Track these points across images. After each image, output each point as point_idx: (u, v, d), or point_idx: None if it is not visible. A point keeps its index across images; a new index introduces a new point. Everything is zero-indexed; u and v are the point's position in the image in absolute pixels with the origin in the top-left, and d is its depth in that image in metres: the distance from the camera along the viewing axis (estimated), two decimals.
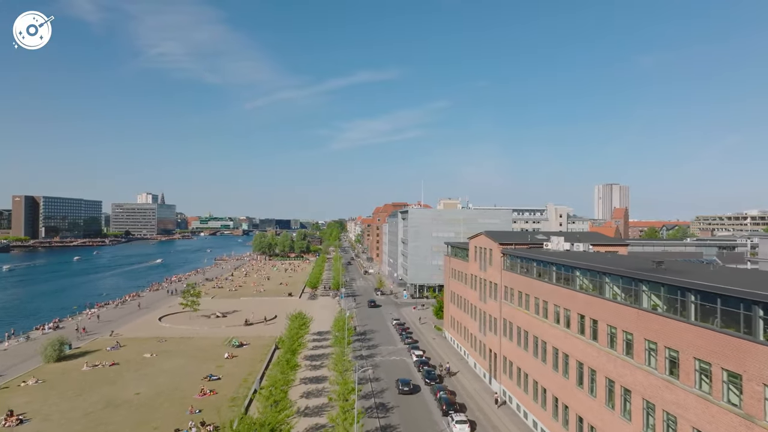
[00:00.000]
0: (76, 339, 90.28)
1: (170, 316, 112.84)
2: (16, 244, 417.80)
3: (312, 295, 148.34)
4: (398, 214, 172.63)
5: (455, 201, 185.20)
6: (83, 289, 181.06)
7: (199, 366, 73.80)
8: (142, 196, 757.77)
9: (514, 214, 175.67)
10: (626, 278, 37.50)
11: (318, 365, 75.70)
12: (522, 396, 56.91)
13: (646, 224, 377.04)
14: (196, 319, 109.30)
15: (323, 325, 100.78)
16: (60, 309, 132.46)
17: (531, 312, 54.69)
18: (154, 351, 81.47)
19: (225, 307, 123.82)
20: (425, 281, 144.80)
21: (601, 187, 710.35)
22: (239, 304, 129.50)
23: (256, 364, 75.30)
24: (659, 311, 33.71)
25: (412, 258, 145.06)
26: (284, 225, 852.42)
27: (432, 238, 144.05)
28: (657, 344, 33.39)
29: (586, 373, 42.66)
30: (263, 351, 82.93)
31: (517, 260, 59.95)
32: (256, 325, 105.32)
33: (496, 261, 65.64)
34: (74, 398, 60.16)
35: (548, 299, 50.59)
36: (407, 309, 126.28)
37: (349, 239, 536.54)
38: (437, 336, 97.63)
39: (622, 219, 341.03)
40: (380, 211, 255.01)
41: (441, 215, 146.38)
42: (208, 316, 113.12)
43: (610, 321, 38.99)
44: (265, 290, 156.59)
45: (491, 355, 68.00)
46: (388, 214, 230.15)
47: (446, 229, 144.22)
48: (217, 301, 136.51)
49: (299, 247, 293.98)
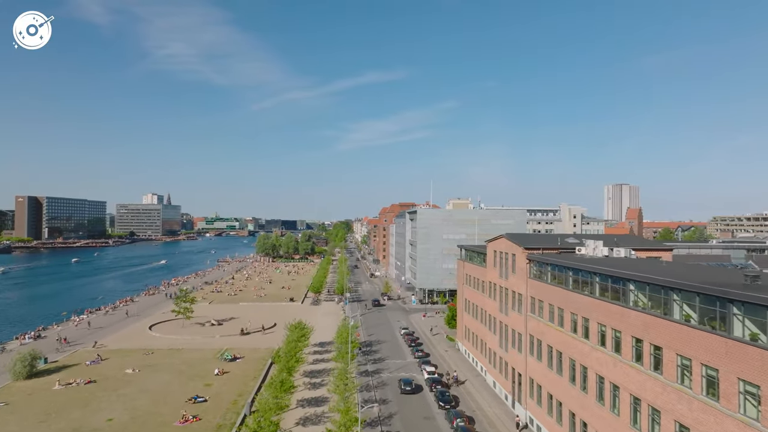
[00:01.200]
0: (55, 351, 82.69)
1: (161, 324, 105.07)
2: (18, 245, 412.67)
3: (315, 300, 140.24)
4: (406, 214, 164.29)
5: (465, 201, 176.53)
6: (77, 293, 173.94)
7: (185, 384, 65.92)
8: (148, 196, 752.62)
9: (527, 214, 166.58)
10: (708, 297, 29.07)
11: (318, 383, 67.61)
12: (554, 427, 48.50)
13: (659, 225, 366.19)
14: (189, 327, 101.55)
15: (326, 334, 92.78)
16: (48, 315, 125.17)
17: (566, 330, 46.33)
18: (137, 365, 73.65)
19: (222, 314, 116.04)
20: (435, 286, 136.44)
21: (610, 187, 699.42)
22: (237, 311, 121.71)
23: (248, 382, 67.36)
24: (762, 344, 25.32)
25: (421, 261, 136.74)
26: (290, 226, 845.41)
27: (442, 240, 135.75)
28: (761, 388, 25.00)
29: (645, 413, 34.26)
30: (258, 366, 74.95)
31: (547, 268, 51.57)
32: (253, 334, 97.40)
33: (521, 268, 57.28)
34: (36, 426, 52.32)
35: (589, 316, 42.23)
36: (416, 316, 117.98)
37: (355, 240, 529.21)
38: (450, 348, 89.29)
39: (636, 219, 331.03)
40: (387, 212, 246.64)
41: (452, 216, 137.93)
42: (202, 323, 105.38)
43: (683, 350, 30.58)
44: (266, 295, 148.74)
45: (514, 375, 59.63)
46: (395, 215, 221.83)
47: (457, 231, 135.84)
48: (214, 307, 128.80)
49: (304, 248, 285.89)
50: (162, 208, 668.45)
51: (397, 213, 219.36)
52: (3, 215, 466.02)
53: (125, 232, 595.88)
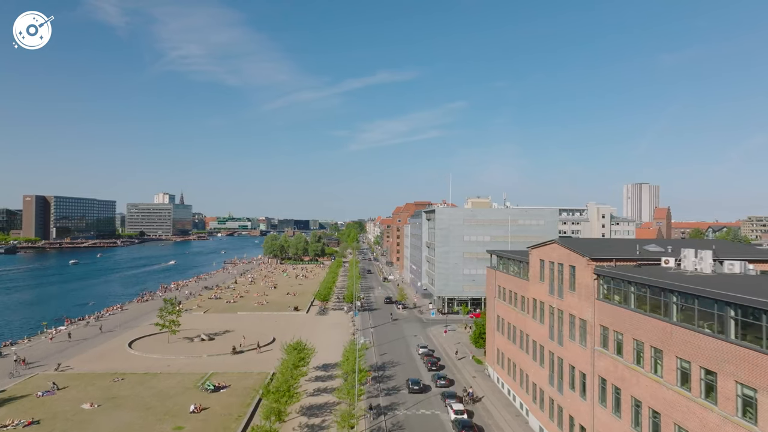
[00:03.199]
0: (8, 376, 69.57)
1: (144, 339, 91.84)
2: (24, 245, 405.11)
3: (322, 309, 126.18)
4: (422, 214, 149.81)
5: (485, 200, 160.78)
6: (68, 298, 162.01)
7: (151, 428, 52.29)
8: (159, 196, 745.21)
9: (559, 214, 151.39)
10: None
11: (317, 426, 53.59)
12: None
13: (688, 225, 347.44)
14: (175, 343, 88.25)
15: (331, 353, 79.00)
16: (25, 326, 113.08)
17: (667, 381, 31.78)
18: (98, 398, 60.24)
19: (216, 326, 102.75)
20: (455, 294, 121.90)
21: (629, 186, 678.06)
22: (234, 322, 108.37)
23: (230, 424, 53.62)
24: None
25: (440, 266, 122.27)
26: (303, 226, 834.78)
27: (463, 242, 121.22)
28: None
29: None
30: (245, 399, 61.13)
31: (629, 288, 36.99)
32: (247, 353, 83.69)
33: (585, 285, 42.72)
34: None
35: (717, 368, 27.64)
36: (436, 329, 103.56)
37: (368, 240, 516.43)
38: (478, 373, 74.79)
39: (664, 220, 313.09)
40: (401, 211, 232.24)
41: (474, 215, 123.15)
42: (191, 338, 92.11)
43: None
44: (269, 302, 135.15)
45: (573, 427, 45.06)
46: (409, 215, 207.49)
47: (481, 232, 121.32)
48: (209, 317, 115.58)
49: (313, 250, 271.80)
50: (173, 208, 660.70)
51: (411, 212, 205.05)
52: (12, 215, 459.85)
53: (135, 232, 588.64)
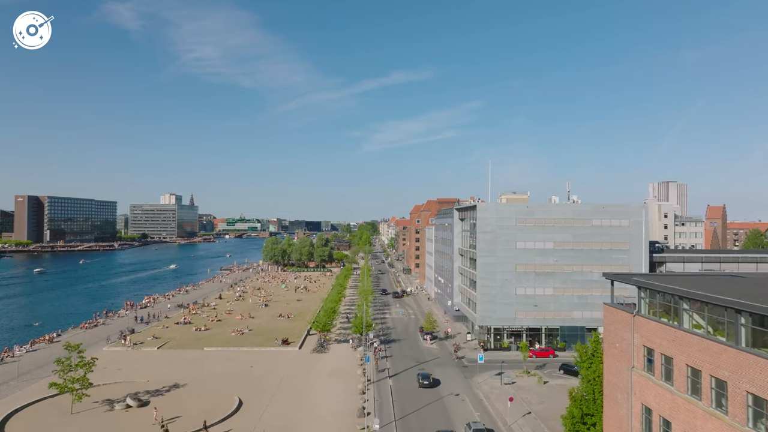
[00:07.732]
0: None
1: (32, 409, 58.83)
2: (13, 249, 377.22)
3: (320, 343, 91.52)
4: (454, 212, 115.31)
5: (523, 196, 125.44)
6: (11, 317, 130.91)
7: None
8: (165, 196, 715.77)
9: (646, 211, 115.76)
10: None
11: None
12: None
13: (743, 226, 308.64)
14: (80, 415, 55.56)
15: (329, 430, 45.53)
16: None
17: None
18: None
19: (163, 374, 70.00)
20: (506, 322, 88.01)
21: (656, 185, 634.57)
22: (193, 365, 75.68)
23: None
24: None
25: (484, 284, 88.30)
26: (314, 227, 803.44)
27: (516, 250, 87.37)
28: None
29: None
30: None
31: None
32: None
33: None
34: None
35: None
36: (489, 384, 69.44)
37: (381, 242, 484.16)
38: None
39: (719, 220, 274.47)
40: (421, 210, 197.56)
41: (532, 212, 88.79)
42: (112, 403, 59.24)
43: None
44: (251, 330, 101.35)
45: None
46: (432, 214, 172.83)
47: (540, 237, 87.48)
48: (162, 356, 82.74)
49: (320, 255, 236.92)
50: (178, 209, 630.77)
51: (435, 212, 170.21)
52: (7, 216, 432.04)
53: (138, 234, 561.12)
